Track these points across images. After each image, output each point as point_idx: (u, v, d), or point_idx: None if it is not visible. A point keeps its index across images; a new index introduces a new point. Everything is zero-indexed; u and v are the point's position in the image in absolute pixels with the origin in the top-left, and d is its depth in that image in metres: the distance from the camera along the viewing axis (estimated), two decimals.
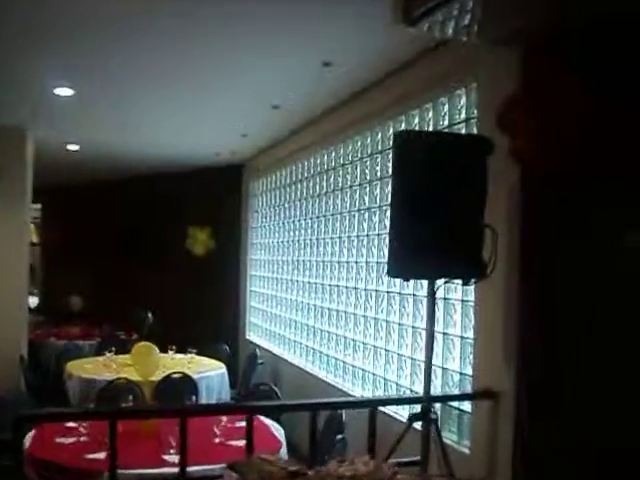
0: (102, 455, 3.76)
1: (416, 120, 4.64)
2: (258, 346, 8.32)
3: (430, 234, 2.74)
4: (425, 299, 4.29)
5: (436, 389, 4.08)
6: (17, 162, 6.92)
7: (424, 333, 4.36)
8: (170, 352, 7.23)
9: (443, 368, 4.10)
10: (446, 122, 4.24)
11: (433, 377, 4.33)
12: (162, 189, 10.19)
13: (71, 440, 4.05)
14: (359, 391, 5.40)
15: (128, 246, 10.68)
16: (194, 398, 4.74)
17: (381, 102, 5.04)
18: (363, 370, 5.39)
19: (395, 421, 4.20)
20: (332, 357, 6.13)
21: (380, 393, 4.99)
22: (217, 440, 4.19)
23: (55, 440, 4.00)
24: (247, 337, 9.13)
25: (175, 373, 5.99)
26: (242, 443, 4.15)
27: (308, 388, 6.43)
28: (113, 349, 7.04)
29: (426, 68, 4.29)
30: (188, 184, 9.91)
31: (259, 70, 4.84)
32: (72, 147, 8.15)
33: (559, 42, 2.66)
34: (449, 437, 3.81)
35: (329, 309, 6.22)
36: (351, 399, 4.83)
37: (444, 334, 4.02)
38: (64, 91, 5.42)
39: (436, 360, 4.21)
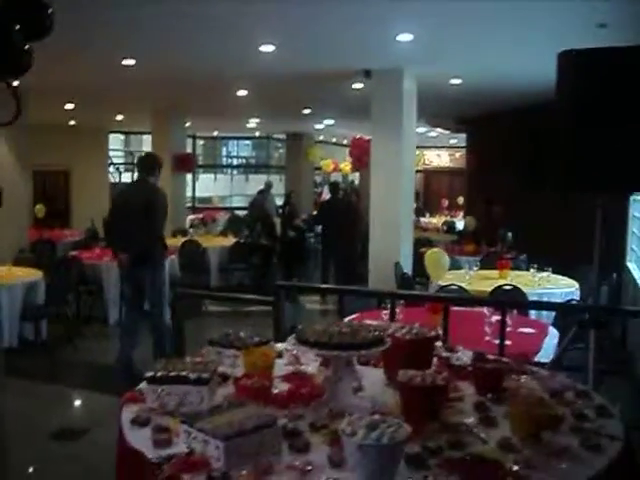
0: None
1: None
2: (631, 274, 8.16)
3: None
4: None
5: None
6: (395, 96, 8.24)
7: None
8: (532, 270, 7.79)
9: None
10: None
11: None
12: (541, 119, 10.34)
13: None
14: None
15: (519, 173, 11.19)
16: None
17: None
18: None
19: None
20: None
21: None
22: (487, 338, 4.73)
23: None
24: (627, 264, 8.93)
25: (506, 285, 6.56)
26: (506, 343, 4.67)
27: None
28: (478, 264, 8.00)
29: None
30: None
31: None
32: (455, 81, 9.03)
33: None
34: None
35: None
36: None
37: None
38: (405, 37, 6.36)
39: None
